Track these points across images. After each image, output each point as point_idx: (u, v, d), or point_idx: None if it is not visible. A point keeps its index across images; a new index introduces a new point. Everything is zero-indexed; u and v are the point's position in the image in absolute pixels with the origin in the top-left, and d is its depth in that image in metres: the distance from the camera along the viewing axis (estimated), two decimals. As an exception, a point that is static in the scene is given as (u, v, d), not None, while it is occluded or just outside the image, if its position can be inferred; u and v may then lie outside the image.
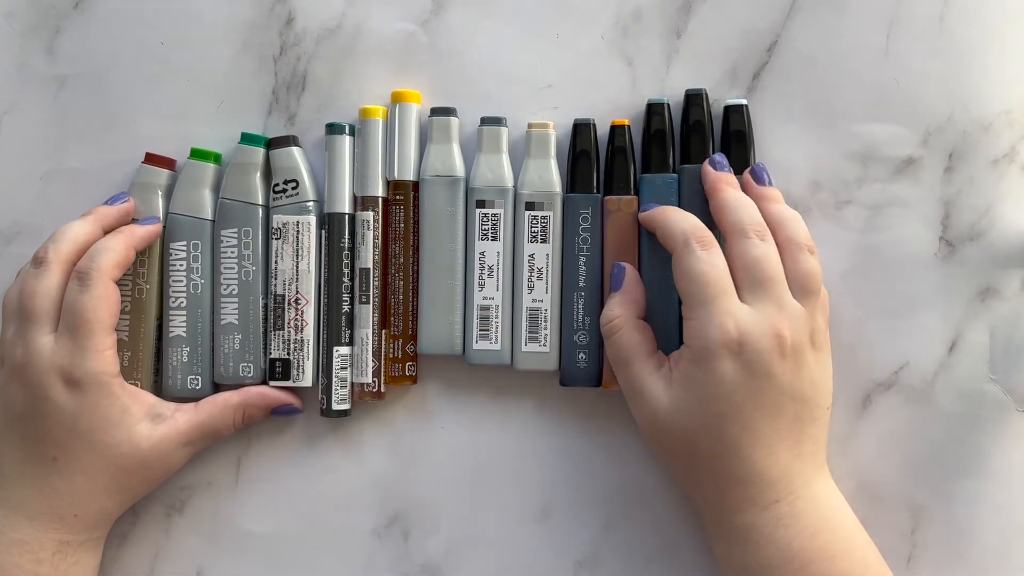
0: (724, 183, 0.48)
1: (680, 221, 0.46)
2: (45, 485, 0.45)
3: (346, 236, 0.50)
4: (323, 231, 0.50)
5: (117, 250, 0.47)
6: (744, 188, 0.48)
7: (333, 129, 0.50)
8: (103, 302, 0.46)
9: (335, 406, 0.50)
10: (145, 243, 0.49)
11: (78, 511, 0.46)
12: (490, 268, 0.50)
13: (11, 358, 0.46)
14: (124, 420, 0.46)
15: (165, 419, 0.47)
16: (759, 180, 0.48)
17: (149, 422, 0.47)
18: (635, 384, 0.46)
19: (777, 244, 0.46)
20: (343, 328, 0.50)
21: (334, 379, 0.50)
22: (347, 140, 0.50)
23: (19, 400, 0.45)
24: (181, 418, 0.48)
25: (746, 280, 0.44)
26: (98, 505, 0.47)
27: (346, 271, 0.50)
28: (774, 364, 0.43)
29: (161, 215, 0.50)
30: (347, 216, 0.50)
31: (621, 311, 0.47)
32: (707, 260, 0.44)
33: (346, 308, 0.50)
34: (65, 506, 0.46)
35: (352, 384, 0.50)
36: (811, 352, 0.45)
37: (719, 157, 0.49)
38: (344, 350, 0.50)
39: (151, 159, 0.50)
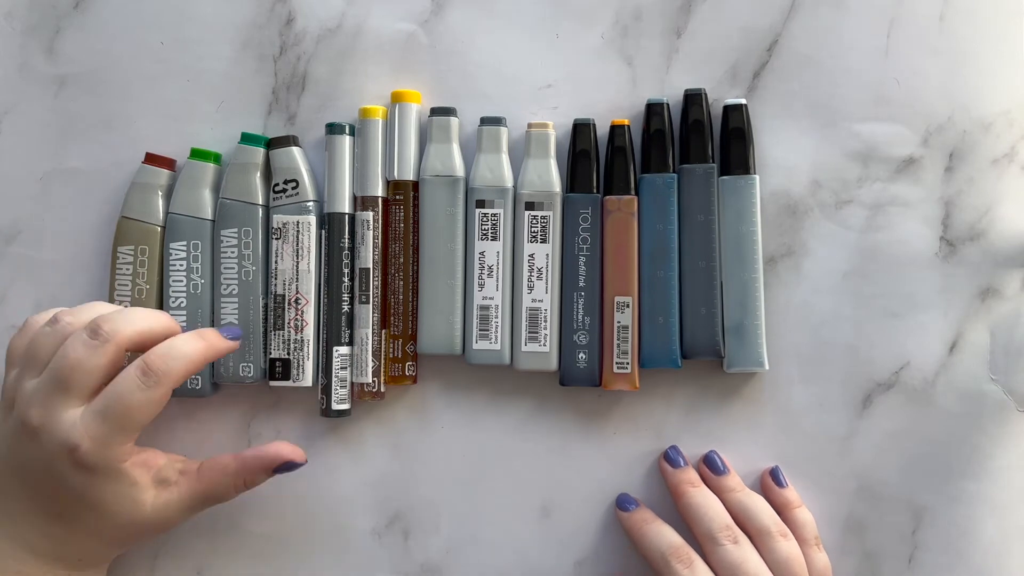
0: (687, 484, 0.48)
1: (657, 539, 0.47)
2: (50, 532, 0.44)
3: (346, 236, 0.50)
4: (323, 231, 0.50)
5: (195, 360, 0.44)
6: (703, 478, 0.49)
7: (333, 129, 0.50)
8: (158, 407, 0.43)
9: (335, 406, 0.50)
10: (219, 357, 0.46)
11: (82, 557, 0.45)
12: (490, 268, 0.50)
13: (25, 412, 0.43)
14: (131, 492, 0.44)
15: (169, 485, 0.45)
16: (715, 470, 0.49)
17: (154, 488, 0.45)
18: None
19: (749, 535, 0.47)
20: (343, 328, 0.50)
21: (334, 379, 0.50)
22: (347, 140, 0.50)
23: (28, 454, 0.43)
24: (184, 485, 0.45)
25: None
26: (102, 553, 0.46)
27: (346, 271, 0.50)
28: None
29: (160, 215, 0.50)
30: (347, 216, 0.50)
31: None
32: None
33: (346, 308, 0.50)
34: (69, 552, 0.45)
35: (352, 384, 0.50)
36: None
37: (673, 452, 0.49)
38: (344, 350, 0.50)
39: (151, 159, 0.50)
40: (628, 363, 0.49)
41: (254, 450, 0.46)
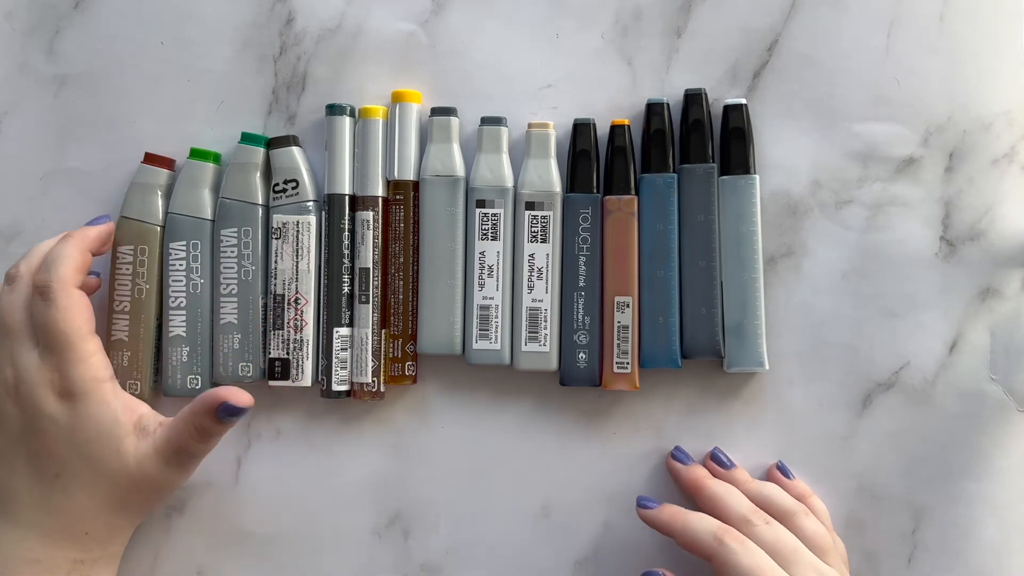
0: (704, 477, 0.48)
1: (702, 523, 0.45)
2: (52, 504, 0.45)
3: (346, 219, 0.50)
4: (323, 227, 0.50)
5: (71, 255, 0.46)
6: (712, 473, 0.49)
7: (334, 110, 0.50)
8: (71, 312, 0.44)
9: (335, 387, 0.49)
10: (99, 243, 0.48)
11: (87, 528, 0.46)
12: (490, 268, 0.50)
13: (1, 377, 0.45)
14: (114, 432, 0.45)
15: (147, 435, 0.46)
16: (723, 466, 0.49)
17: (135, 435, 0.45)
18: None
19: (774, 518, 0.47)
20: (343, 310, 0.50)
21: (334, 359, 0.49)
22: (347, 121, 0.50)
23: (16, 418, 0.45)
24: (158, 435, 0.46)
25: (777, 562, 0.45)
26: (104, 522, 0.46)
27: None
28: None
29: (160, 215, 0.50)
30: (347, 198, 0.50)
31: None
32: (751, 554, 0.44)
33: (346, 290, 0.50)
34: (74, 524, 0.45)
35: (352, 365, 0.50)
36: None
37: (680, 453, 0.49)
38: (344, 331, 0.50)
39: (150, 159, 0.50)
40: (628, 363, 0.49)
41: (201, 395, 0.45)
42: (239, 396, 0.45)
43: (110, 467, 0.45)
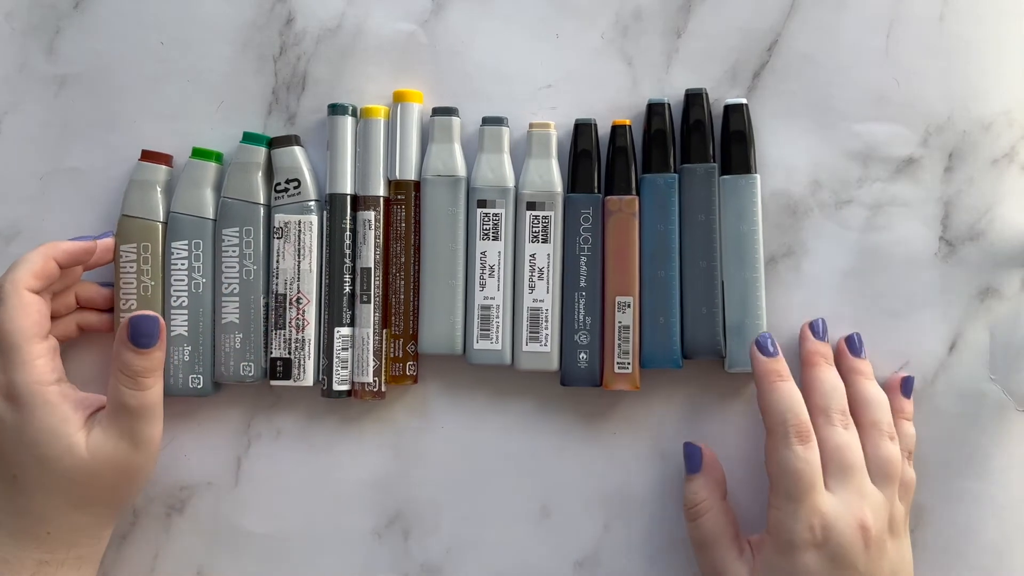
0: (821, 356, 0.48)
1: (785, 402, 0.46)
2: (14, 504, 0.45)
3: (347, 219, 0.50)
4: (324, 227, 0.50)
5: (32, 260, 0.46)
6: (838, 355, 0.49)
7: (336, 110, 0.50)
8: (19, 312, 0.45)
9: (336, 387, 0.49)
10: (68, 256, 0.47)
11: (49, 528, 0.45)
12: (491, 268, 0.50)
13: None
14: (63, 430, 0.45)
15: (97, 422, 0.46)
16: (855, 352, 0.49)
17: (88, 429, 0.45)
18: (717, 568, 0.47)
19: (860, 425, 0.47)
20: (344, 309, 0.50)
21: (335, 359, 0.49)
22: (349, 120, 0.50)
23: None
24: (100, 413, 0.46)
25: (830, 465, 0.45)
26: (67, 521, 0.45)
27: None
28: (857, 555, 0.44)
29: (161, 212, 0.50)
30: (348, 197, 0.50)
31: (707, 494, 0.48)
32: (803, 457, 0.44)
33: (347, 289, 0.50)
34: (35, 524, 0.45)
35: (353, 365, 0.50)
36: (890, 540, 0.45)
37: (820, 324, 0.49)
38: (345, 331, 0.50)
39: (147, 156, 0.50)
40: (629, 363, 0.49)
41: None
42: (143, 311, 0.46)
43: (63, 465, 0.44)
